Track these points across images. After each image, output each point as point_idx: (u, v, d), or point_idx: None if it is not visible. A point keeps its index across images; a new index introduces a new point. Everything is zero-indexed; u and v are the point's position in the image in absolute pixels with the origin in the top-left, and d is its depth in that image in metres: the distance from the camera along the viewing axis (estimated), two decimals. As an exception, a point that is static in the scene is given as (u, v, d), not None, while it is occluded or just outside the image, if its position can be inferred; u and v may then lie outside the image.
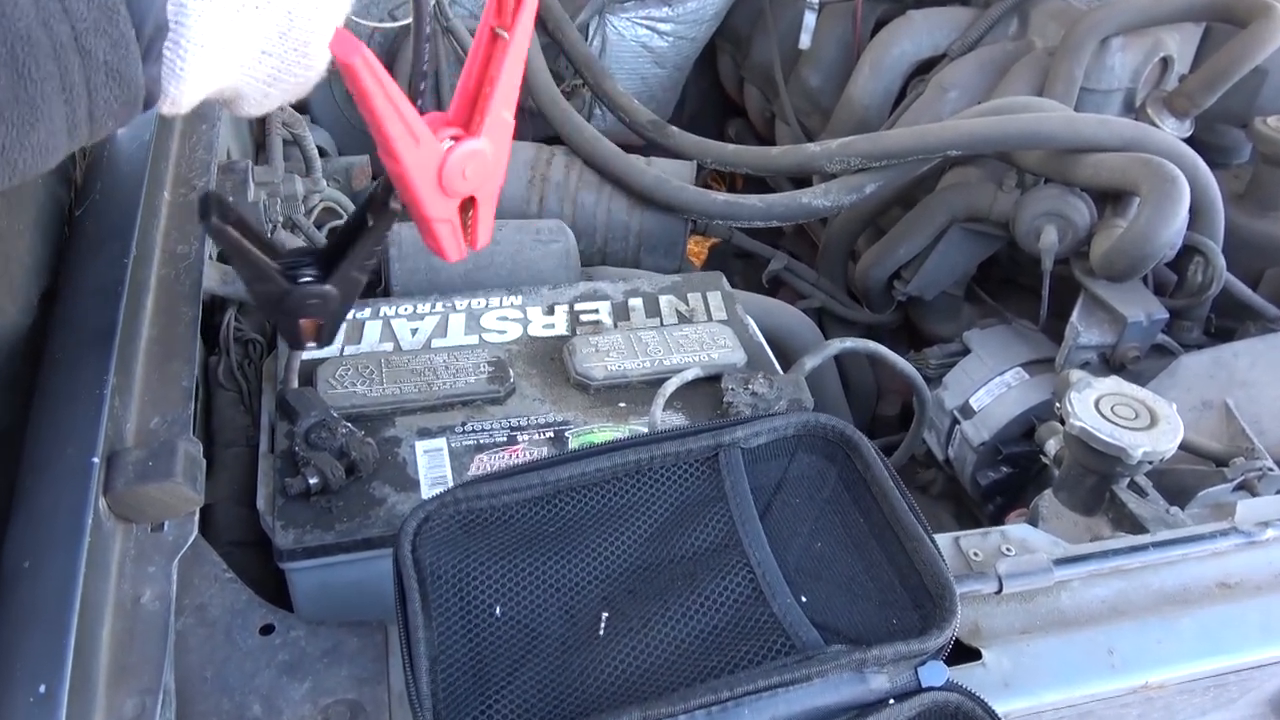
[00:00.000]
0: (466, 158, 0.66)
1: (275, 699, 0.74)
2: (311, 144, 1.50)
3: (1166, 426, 0.99)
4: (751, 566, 0.75)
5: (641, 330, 1.21)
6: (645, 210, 1.68)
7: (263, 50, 0.50)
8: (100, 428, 0.76)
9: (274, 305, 0.73)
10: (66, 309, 0.88)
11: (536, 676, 0.69)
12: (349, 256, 0.72)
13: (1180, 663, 0.83)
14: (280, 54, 0.52)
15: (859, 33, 2.15)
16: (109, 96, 0.43)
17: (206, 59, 0.46)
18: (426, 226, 0.69)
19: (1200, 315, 1.56)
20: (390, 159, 0.64)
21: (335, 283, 0.73)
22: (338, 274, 0.73)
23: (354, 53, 0.57)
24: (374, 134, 0.63)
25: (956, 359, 1.67)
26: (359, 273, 0.74)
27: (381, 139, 0.63)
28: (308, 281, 0.72)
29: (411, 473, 1.00)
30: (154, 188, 1.03)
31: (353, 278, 0.74)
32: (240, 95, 0.52)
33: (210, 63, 0.47)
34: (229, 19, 0.47)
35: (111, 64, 0.42)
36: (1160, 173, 1.37)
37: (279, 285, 0.72)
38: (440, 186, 0.66)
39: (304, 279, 0.72)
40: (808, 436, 0.83)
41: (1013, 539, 0.90)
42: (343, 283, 0.74)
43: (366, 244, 0.72)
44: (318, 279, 0.73)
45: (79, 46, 0.40)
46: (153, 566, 0.74)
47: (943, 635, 0.68)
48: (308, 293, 0.72)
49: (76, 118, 0.42)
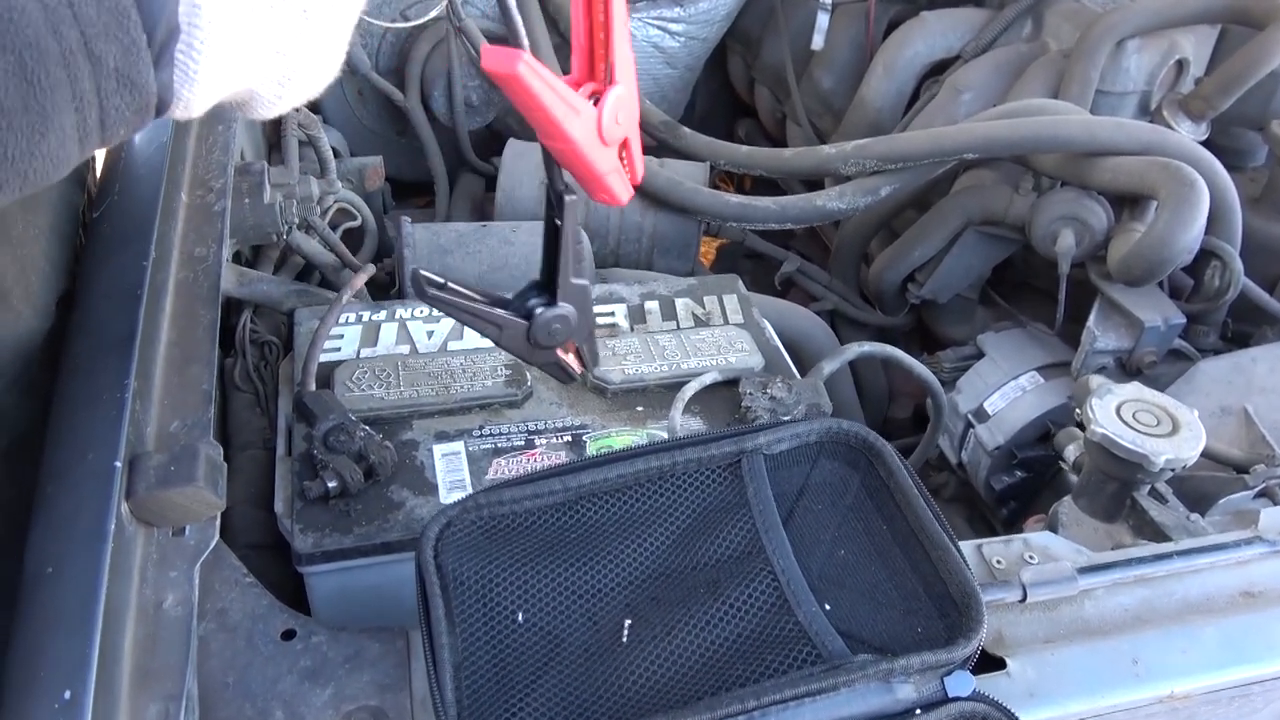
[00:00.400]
0: (616, 106, 0.69)
1: (297, 705, 0.74)
2: (326, 145, 1.49)
3: (1189, 433, 0.98)
4: (776, 574, 0.75)
5: (658, 333, 1.21)
6: (658, 212, 1.67)
7: (277, 50, 0.49)
8: (121, 432, 0.76)
9: (526, 346, 0.75)
10: (85, 313, 0.88)
11: (560, 683, 0.69)
12: (560, 266, 0.74)
13: (1205, 672, 0.83)
14: (295, 53, 0.51)
15: (872, 34, 2.14)
16: (120, 103, 0.42)
17: (220, 61, 0.46)
18: (599, 182, 0.71)
19: (1217, 320, 1.56)
20: (560, 140, 0.66)
21: (565, 298, 0.75)
22: (561, 288, 0.74)
23: (514, 62, 0.59)
24: (539, 125, 0.65)
25: (970, 362, 1.67)
26: (579, 278, 0.75)
27: (551, 127, 0.65)
28: (540, 311, 0.74)
29: (429, 476, 1.00)
30: (171, 190, 1.03)
31: (575, 285, 0.75)
32: (254, 97, 0.52)
33: (224, 65, 0.46)
34: (242, 19, 0.46)
35: (122, 70, 0.41)
36: (1179, 177, 1.36)
37: (518, 325, 0.74)
38: (603, 140, 0.68)
39: (536, 310, 0.74)
40: (830, 443, 0.83)
41: (1036, 547, 0.90)
42: (570, 295, 0.75)
43: (567, 244, 0.73)
44: (548, 304, 0.74)
45: (89, 52, 0.39)
46: (174, 571, 0.74)
47: (970, 645, 0.68)
48: (547, 319, 0.74)
49: (87, 125, 0.41)
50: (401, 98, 1.97)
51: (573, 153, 0.68)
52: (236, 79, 0.48)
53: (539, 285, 0.76)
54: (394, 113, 2.06)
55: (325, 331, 1.12)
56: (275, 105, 0.54)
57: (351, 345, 1.15)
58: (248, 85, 0.50)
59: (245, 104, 0.53)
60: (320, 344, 1.10)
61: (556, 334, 0.75)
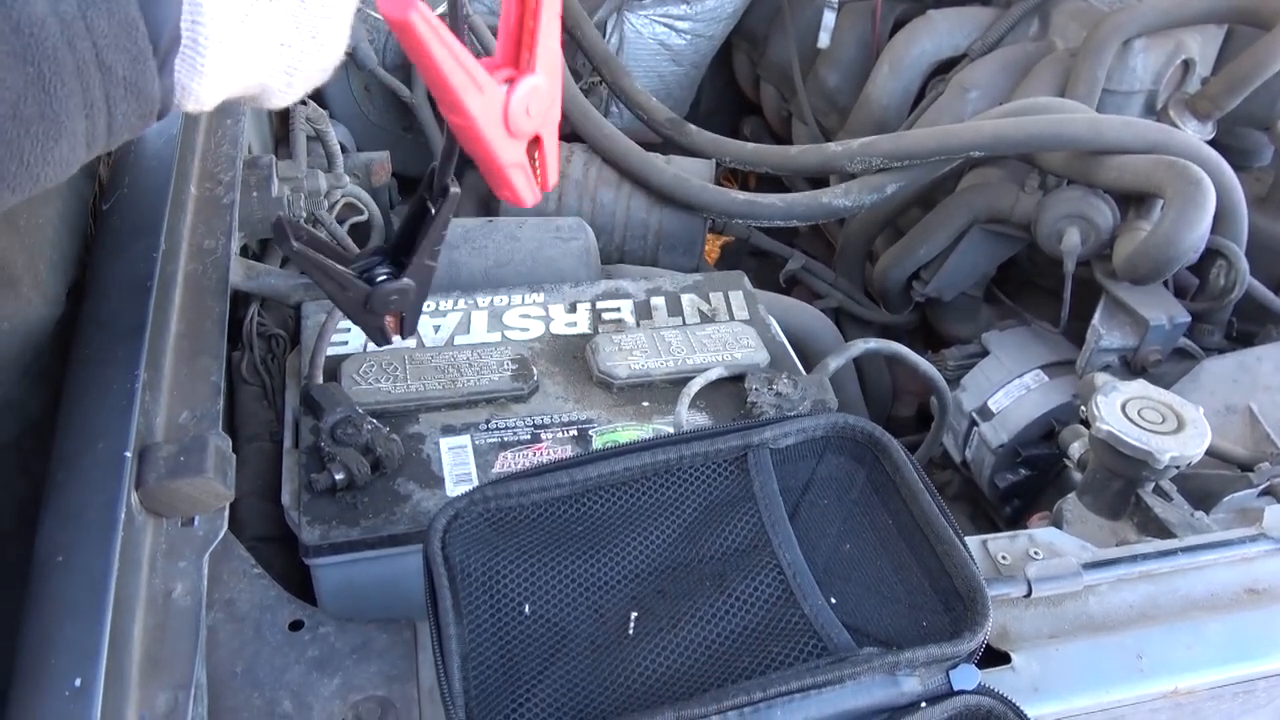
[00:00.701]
0: (528, 95, 0.65)
1: (305, 695, 0.74)
2: (334, 139, 1.50)
3: (1194, 431, 0.98)
4: (782, 567, 0.75)
5: (664, 329, 1.21)
6: (664, 208, 1.67)
7: (280, 42, 0.50)
8: (131, 422, 0.76)
9: (358, 309, 0.75)
10: (96, 304, 0.88)
11: (566, 675, 0.69)
12: (419, 247, 0.73)
13: (1209, 668, 0.83)
14: (298, 43, 0.52)
15: (878, 32, 2.14)
16: (127, 109, 0.44)
17: (223, 62, 0.47)
18: (500, 175, 0.68)
19: (1222, 319, 1.56)
20: (456, 113, 0.63)
21: (411, 275, 0.74)
22: (411, 266, 0.74)
23: (408, 9, 0.56)
24: (436, 90, 0.62)
25: (975, 360, 1.67)
26: (430, 260, 0.75)
27: (445, 93, 0.62)
28: (384, 280, 0.74)
29: (436, 469, 1.00)
30: (181, 183, 1.04)
31: (426, 266, 0.75)
32: (265, 89, 0.53)
33: (227, 65, 0.47)
34: (242, 20, 0.47)
35: (130, 79, 0.43)
36: (1185, 176, 1.36)
37: (361, 289, 0.74)
38: (508, 129, 0.65)
39: (380, 278, 0.74)
40: (836, 438, 0.83)
41: (1040, 543, 0.90)
42: (418, 273, 0.75)
43: (434, 231, 0.73)
44: (393, 275, 0.74)
45: (100, 63, 0.41)
46: (183, 561, 0.74)
47: (975, 638, 0.68)
48: (388, 290, 0.74)
49: (96, 131, 0.43)
50: (408, 93, 1.97)
51: (471, 132, 0.64)
52: (243, 76, 0.50)
53: (386, 253, 0.75)
54: (400, 108, 2.06)
55: (332, 325, 1.12)
56: (286, 95, 0.55)
57: (358, 339, 1.15)
58: (256, 79, 0.51)
59: (257, 97, 0.54)
60: (328, 337, 1.11)
61: (391, 304, 0.75)
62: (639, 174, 1.66)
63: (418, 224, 0.74)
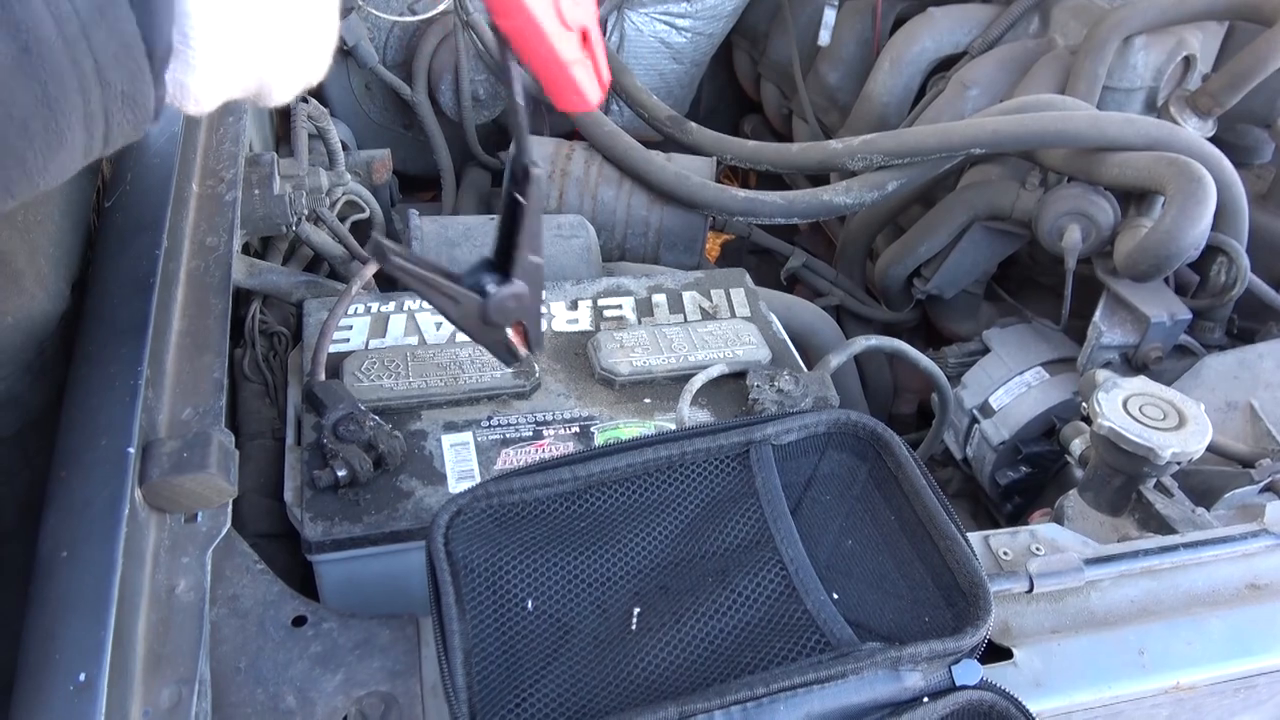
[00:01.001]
0: None
1: (308, 690, 0.74)
2: (335, 137, 1.50)
3: (1195, 427, 0.98)
4: (784, 563, 0.75)
5: (666, 326, 1.21)
6: (665, 206, 1.68)
7: (271, 40, 0.51)
8: (134, 418, 0.77)
9: (478, 326, 0.72)
10: (98, 301, 0.89)
11: (569, 670, 0.69)
12: (519, 244, 0.70)
13: (1210, 664, 0.83)
14: (289, 44, 0.53)
15: (879, 30, 2.14)
16: (123, 120, 0.45)
17: (217, 64, 0.48)
18: (564, 76, 0.65)
19: (1223, 316, 1.56)
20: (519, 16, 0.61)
21: (519, 275, 0.71)
22: (516, 266, 0.71)
23: None
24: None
25: (975, 358, 1.67)
26: (535, 255, 0.71)
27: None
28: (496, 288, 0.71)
29: (438, 466, 1.00)
30: (183, 180, 1.04)
31: (531, 263, 0.72)
32: (262, 86, 0.54)
33: (222, 66, 0.49)
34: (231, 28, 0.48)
35: (128, 93, 0.44)
36: (1186, 172, 1.36)
37: (474, 301, 0.70)
38: (563, 22, 0.63)
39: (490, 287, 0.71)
40: (838, 434, 0.83)
41: (1042, 538, 0.90)
42: (526, 273, 0.72)
43: (531, 222, 0.70)
44: (503, 280, 0.71)
45: (100, 79, 0.43)
46: (187, 557, 0.74)
47: (978, 634, 0.68)
48: (503, 296, 0.71)
49: (93, 140, 0.45)
50: (409, 91, 1.97)
51: (533, 32, 0.62)
52: (238, 79, 0.51)
53: (490, 262, 0.72)
54: (401, 106, 2.06)
55: (335, 322, 1.12)
56: (285, 92, 0.55)
57: (360, 336, 1.16)
58: (253, 78, 0.52)
59: (256, 96, 0.55)
60: (330, 334, 1.11)
61: (510, 312, 0.72)
62: (640, 172, 1.66)
63: (513, 221, 0.71)
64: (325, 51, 0.56)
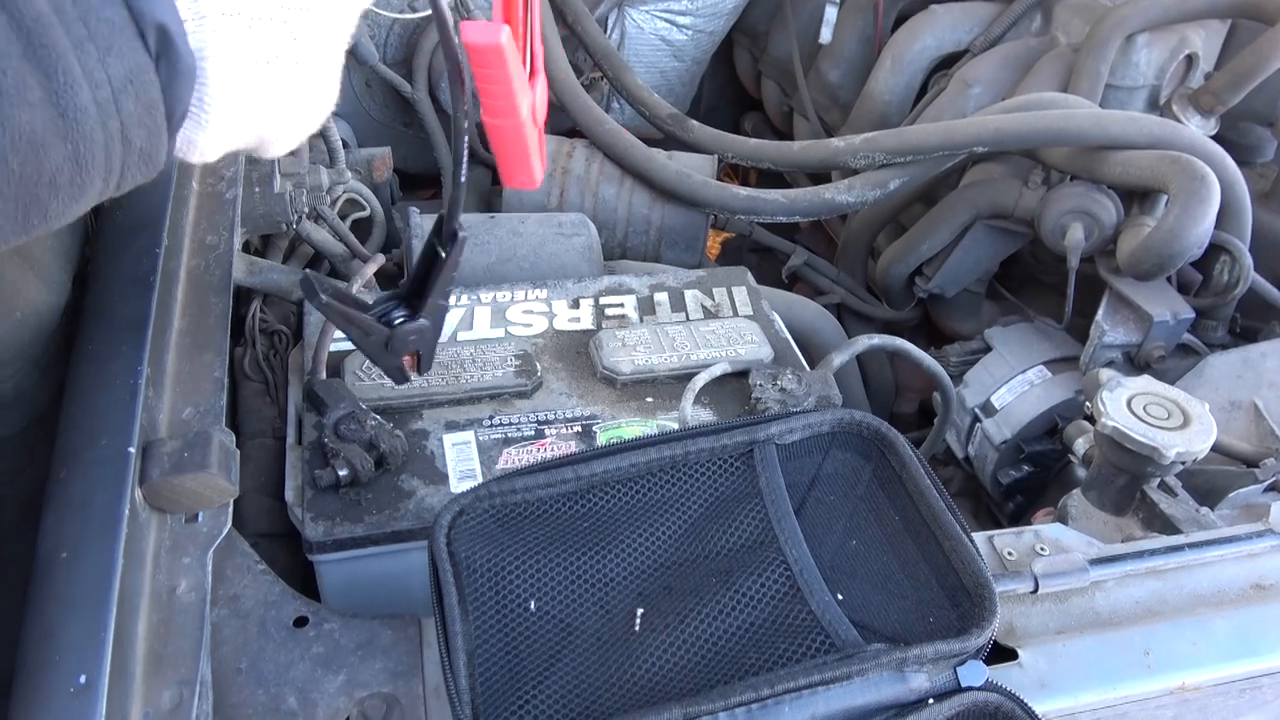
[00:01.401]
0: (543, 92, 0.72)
1: (310, 691, 0.74)
2: (336, 135, 1.49)
3: (1199, 426, 0.98)
4: (788, 563, 0.75)
5: (668, 325, 1.21)
6: (666, 204, 1.67)
7: (277, 103, 0.54)
8: (135, 418, 0.76)
9: (380, 351, 0.78)
10: (99, 299, 0.88)
11: (572, 671, 0.69)
12: (432, 290, 0.76)
13: (1215, 664, 0.83)
14: (294, 103, 0.55)
15: (880, 27, 2.14)
16: (135, 172, 0.48)
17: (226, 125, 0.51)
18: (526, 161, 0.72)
19: (1226, 315, 1.56)
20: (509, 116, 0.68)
21: (426, 315, 0.78)
22: (426, 307, 0.77)
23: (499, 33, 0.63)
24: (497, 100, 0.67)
25: (977, 356, 1.67)
26: (443, 300, 0.78)
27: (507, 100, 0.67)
28: (401, 321, 0.77)
29: (440, 465, 1.00)
30: (183, 178, 1.03)
31: (439, 306, 0.78)
32: (263, 143, 0.56)
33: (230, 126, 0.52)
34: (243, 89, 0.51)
35: (145, 150, 0.47)
36: (1190, 171, 1.36)
37: (381, 333, 0.77)
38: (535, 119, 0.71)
39: (398, 320, 0.77)
40: (842, 434, 0.83)
41: (1047, 539, 0.90)
42: (432, 313, 0.78)
43: (445, 274, 0.75)
44: (409, 317, 0.78)
45: (124, 139, 0.46)
46: (188, 558, 0.74)
47: (983, 635, 0.68)
48: (407, 331, 0.78)
49: (108, 189, 0.48)
50: (409, 89, 1.96)
51: (515, 130, 0.69)
52: (243, 133, 0.54)
53: (401, 297, 0.79)
54: (401, 104, 2.05)
55: (335, 321, 1.12)
56: (282, 146, 0.58)
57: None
58: (255, 135, 0.55)
59: (256, 149, 0.57)
60: (331, 333, 1.10)
61: (410, 344, 0.79)
62: (641, 170, 1.65)
63: (429, 267, 0.77)
64: (326, 110, 0.58)
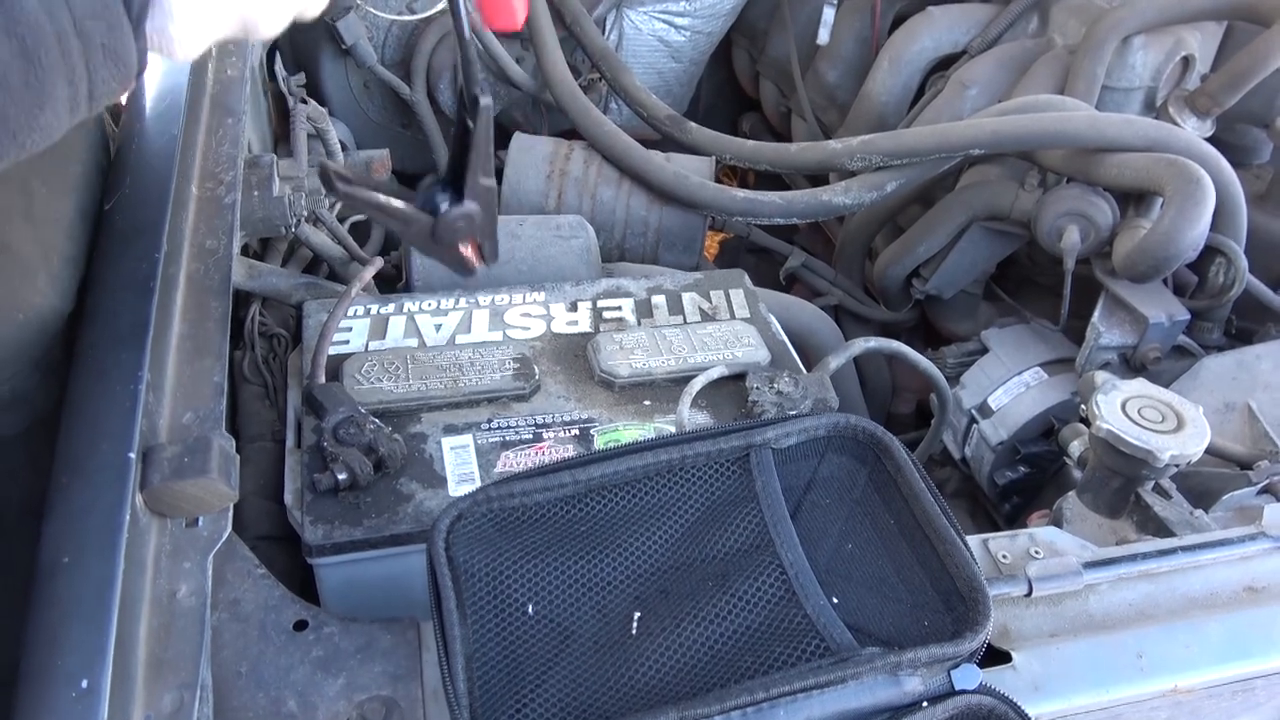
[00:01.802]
0: None
1: (310, 695, 0.75)
2: (334, 137, 1.50)
3: (1193, 429, 0.99)
4: (784, 567, 0.75)
5: (665, 328, 1.22)
6: (664, 206, 1.67)
7: None
8: (135, 423, 0.77)
9: (429, 242, 0.74)
10: (98, 304, 0.89)
11: (570, 675, 0.70)
12: (470, 166, 0.72)
13: (1208, 667, 0.83)
14: None
15: (877, 28, 2.14)
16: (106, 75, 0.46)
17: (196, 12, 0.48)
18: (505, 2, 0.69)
19: (1221, 317, 1.56)
20: None
21: (471, 196, 0.74)
22: (469, 187, 0.73)
23: None
24: None
25: (974, 358, 1.67)
26: (487, 177, 0.73)
27: None
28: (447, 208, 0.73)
29: (438, 469, 1.00)
30: (182, 182, 1.04)
31: (484, 185, 0.74)
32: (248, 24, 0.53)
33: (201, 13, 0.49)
34: None
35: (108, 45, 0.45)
36: (1185, 174, 1.36)
37: (424, 221, 0.73)
38: None
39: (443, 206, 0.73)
40: (838, 437, 0.84)
41: (1041, 542, 0.90)
42: (478, 194, 0.74)
43: (480, 147, 0.72)
44: (455, 200, 0.73)
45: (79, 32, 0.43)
46: (188, 562, 0.74)
47: (976, 638, 0.68)
48: (454, 216, 0.73)
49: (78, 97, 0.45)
50: (408, 91, 1.97)
51: None
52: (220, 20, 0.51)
53: (443, 182, 0.75)
54: (400, 106, 2.06)
55: (334, 324, 1.12)
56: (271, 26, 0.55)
57: (360, 338, 1.16)
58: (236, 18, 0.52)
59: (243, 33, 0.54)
60: (329, 336, 1.11)
61: (460, 231, 0.75)
62: (639, 171, 1.66)
63: (463, 146, 0.73)
64: None
